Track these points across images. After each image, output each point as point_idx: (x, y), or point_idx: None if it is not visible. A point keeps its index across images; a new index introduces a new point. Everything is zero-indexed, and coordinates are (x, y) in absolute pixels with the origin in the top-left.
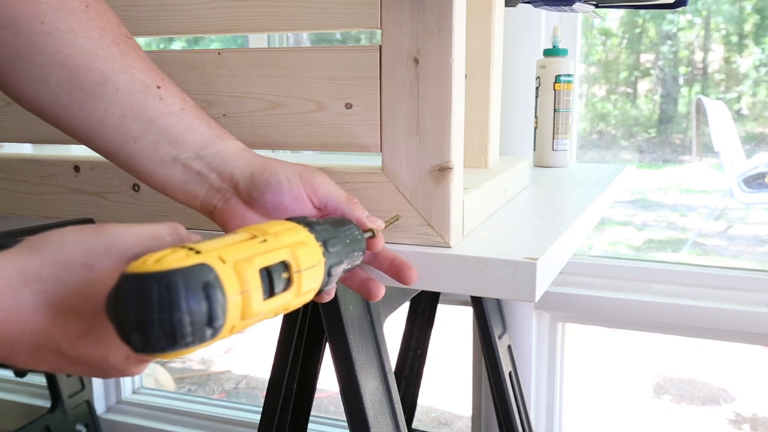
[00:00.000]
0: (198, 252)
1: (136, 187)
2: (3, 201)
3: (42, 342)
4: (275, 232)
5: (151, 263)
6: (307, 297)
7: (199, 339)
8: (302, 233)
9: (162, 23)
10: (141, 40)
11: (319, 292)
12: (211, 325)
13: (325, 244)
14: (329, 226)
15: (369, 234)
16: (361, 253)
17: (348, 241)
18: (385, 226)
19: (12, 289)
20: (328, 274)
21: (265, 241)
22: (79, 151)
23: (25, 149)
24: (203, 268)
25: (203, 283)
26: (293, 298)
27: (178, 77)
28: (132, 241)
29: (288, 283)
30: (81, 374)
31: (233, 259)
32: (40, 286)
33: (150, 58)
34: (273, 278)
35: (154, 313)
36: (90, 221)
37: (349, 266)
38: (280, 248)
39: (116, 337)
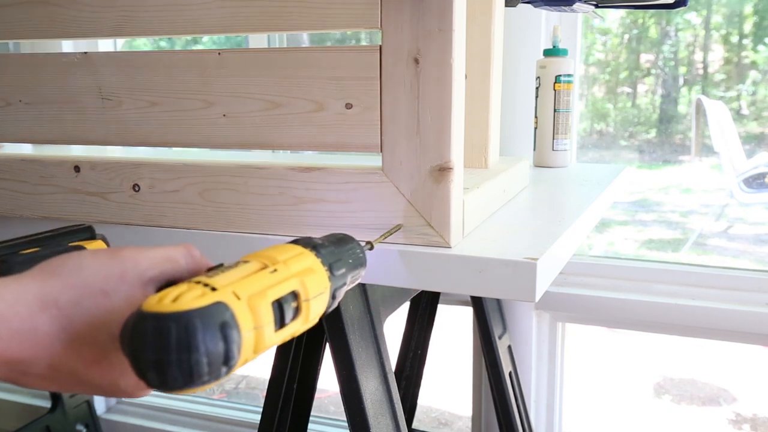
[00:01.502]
0: (213, 289)
1: (136, 187)
2: (3, 201)
3: (57, 365)
4: (284, 259)
5: (168, 302)
6: (314, 322)
7: (215, 377)
8: (309, 259)
9: (162, 23)
10: (142, 41)
11: (324, 315)
12: (227, 363)
13: (330, 268)
14: (333, 247)
15: (368, 247)
16: (363, 269)
17: (351, 260)
18: (387, 235)
19: (30, 314)
20: (333, 296)
21: (275, 270)
22: (79, 151)
23: (25, 149)
24: (220, 307)
25: (220, 323)
26: (301, 325)
27: (178, 77)
28: (147, 265)
29: (297, 311)
30: (89, 393)
31: (247, 294)
32: (59, 312)
33: (149, 59)
34: (284, 309)
35: (173, 354)
36: (90, 229)
37: (351, 285)
38: (290, 278)
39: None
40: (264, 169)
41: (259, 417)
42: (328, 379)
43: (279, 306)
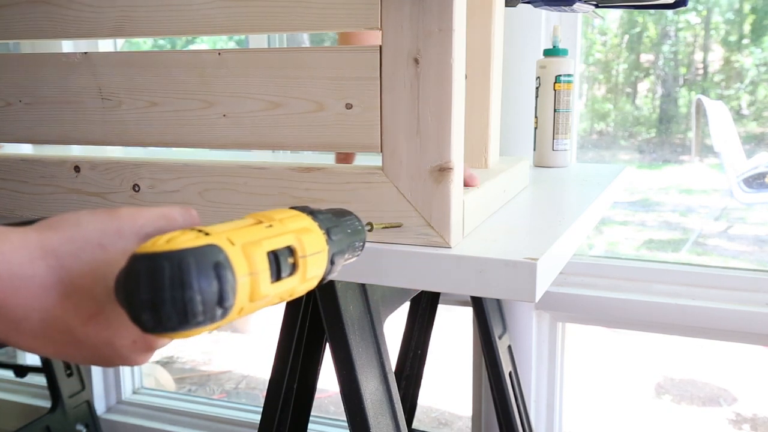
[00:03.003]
0: (207, 234)
1: (136, 188)
2: (3, 201)
3: (51, 320)
4: (280, 218)
5: (161, 243)
6: (312, 284)
7: (210, 319)
8: (306, 221)
9: (162, 23)
10: (142, 40)
11: (322, 281)
12: (221, 304)
13: (328, 232)
14: (331, 215)
15: (368, 228)
16: (361, 244)
17: (349, 231)
18: (389, 226)
19: (30, 260)
20: (331, 262)
21: (270, 226)
22: (79, 151)
23: (25, 149)
24: (213, 248)
25: (214, 262)
26: (299, 284)
27: (178, 77)
28: (143, 221)
29: (294, 267)
30: (83, 360)
31: (241, 242)
32: (57, 262)
33: (149, 59)
34: (280, 262)
35: (166, 292)
36: None
37: (350, 257)
38: (286, 233)
39: (126, 320)
40: (264, 169)
41: (259, 417)
42: (328, 379)
43: (275, 257)
